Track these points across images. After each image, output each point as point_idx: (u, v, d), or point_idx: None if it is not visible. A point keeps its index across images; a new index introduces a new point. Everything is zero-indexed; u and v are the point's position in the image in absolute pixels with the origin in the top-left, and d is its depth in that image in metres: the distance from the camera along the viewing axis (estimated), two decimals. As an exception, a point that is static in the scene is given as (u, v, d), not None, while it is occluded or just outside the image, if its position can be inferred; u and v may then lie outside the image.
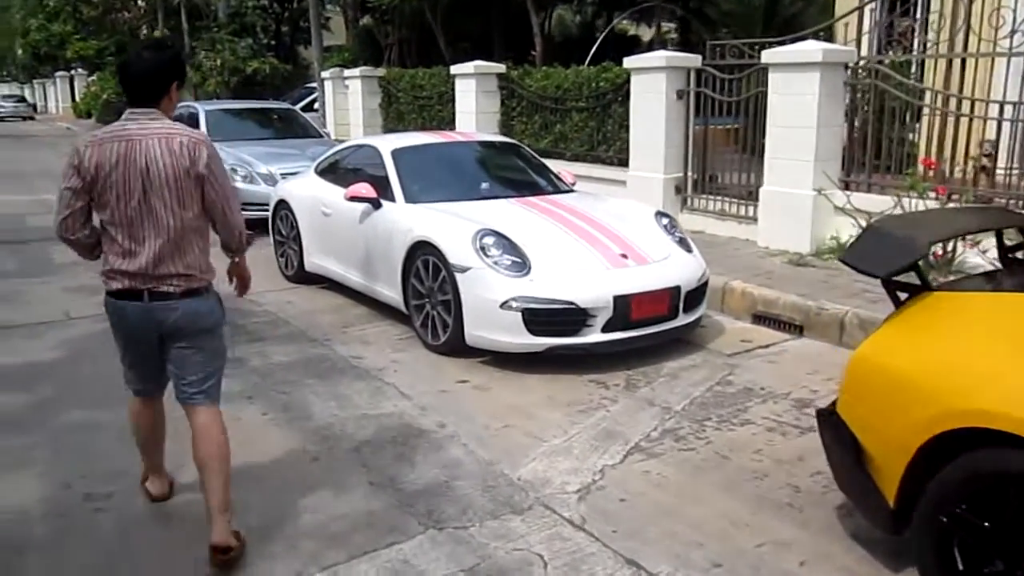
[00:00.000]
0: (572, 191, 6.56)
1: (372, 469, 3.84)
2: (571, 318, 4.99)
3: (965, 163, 7.16)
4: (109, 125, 3.09)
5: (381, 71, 14.78)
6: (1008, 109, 6.66)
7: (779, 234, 7.78)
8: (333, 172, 7.08)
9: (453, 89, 12.57)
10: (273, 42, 27.80)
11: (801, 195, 7.55)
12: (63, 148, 17.38)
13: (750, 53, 8.58)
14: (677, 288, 5.31)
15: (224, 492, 3.09)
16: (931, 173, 7.04)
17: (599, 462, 3.93)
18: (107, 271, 3.09)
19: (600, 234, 5.52)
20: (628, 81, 9.58)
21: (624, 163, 9.85)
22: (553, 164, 7.63)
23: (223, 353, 3.33)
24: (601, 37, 13.38)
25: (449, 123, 12.88)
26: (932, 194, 6.53)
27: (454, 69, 12.08)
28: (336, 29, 26.43)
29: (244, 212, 8.47)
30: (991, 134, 7.04)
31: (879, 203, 7.20)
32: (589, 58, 12.48)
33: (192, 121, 10.85)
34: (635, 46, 20.97)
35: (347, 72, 15.07)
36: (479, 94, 11.70)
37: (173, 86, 3.07)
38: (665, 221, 5.98)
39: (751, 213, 8.34)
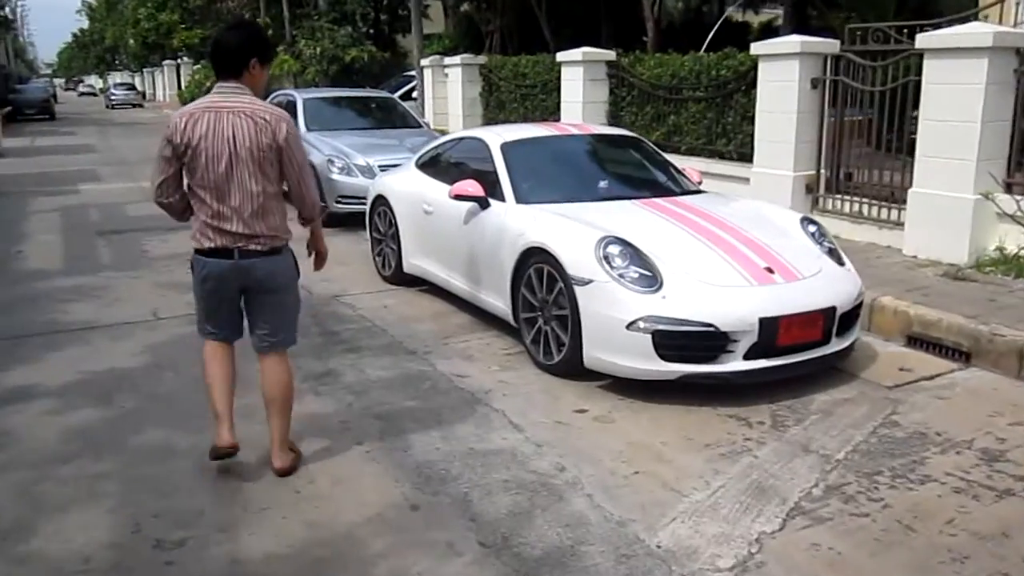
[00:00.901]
0: (701, 191, 5.84)
1: (482, 525, 3.26)
2: (709, 343, 4.30)
3: None
4: (200, 98, 3.36)
5: (482, 59, 14.24)
6: None
7: (931, 242, 6.86)
8: (436, 166, 6.54)
9: (558, 77, 11.92)
10: (371, 31, 27.58)
11: (960, 199, 6.62)
12: (165, 136, 17.39)
13: (896, 38, 7.64)
14: (832, 309, 4.55)
15: (284, 427, 3.62)
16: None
17: (754, 527, 3.25)
18: (198, 230, 3.38)
19: (740, 243, 4.80)
20: (753, 69, 8.75)
21: (745, 158, 9.03)
22: (668, 159, 6.90)
23: (297, 306, 3.67)
24: (719, 23, 12.47)
25: (553, 113, 12.24)
26: None
27: (560, 56, 11.42)
28: (435, 17, 26.07)
29: (340, 205, 8.08)
30: None
31: (1057, 210, 6.26)
32: (705, 45, 11.63)
33: (290, 109, 10.54)
34: (745, 34, 19.81)
35: (447, 60, 14.59)
36: (586, 82, 11.01)
37: (253, 61, 3.33)
38: (813, 229, 5.22)
39: (894, 217, 7.44)
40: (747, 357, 4.35)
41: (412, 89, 17.89)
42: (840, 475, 3.68)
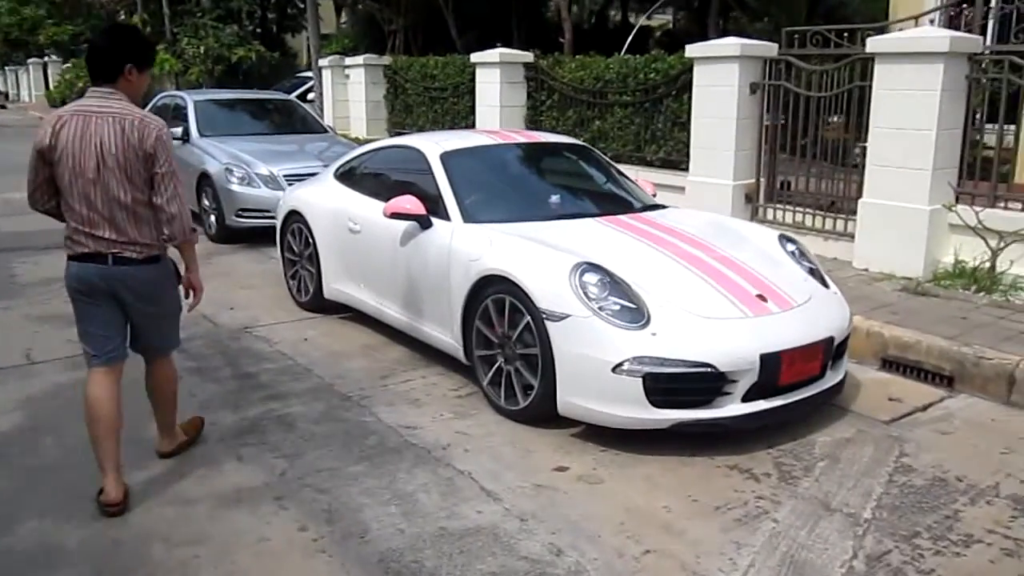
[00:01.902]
0: (661, 206, 5.30)
1: (479, 642, 2.57)
2: (707, 385, 3.74)
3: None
4: (72, 102, 3.29)
5: (387, 59, 13.43)
6: None
7: (883, 255, 6.56)
8: (360, 179, 5.77)
9: (471, 80, 11.28)
10: (259, 29, 26.26)
11: (915, 209, 6.34)
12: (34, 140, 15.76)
13: (837, 42, 7.36)
14: (830, 340, 4.08)
15: (172, 415, 3.72)
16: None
17: (805, 622, 2.69)
18: (70, 236, 3.26)
19: (724, 267, 4.27)
20: (685, 72, 8.35)
21: (674, 166, 8.65)
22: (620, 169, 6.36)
23: (178, 311, 3.57)
24: (636, 28, 12.07)
25: (466, 117, 11.59)
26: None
27: (474, 57, 10.77)
28: (326, 16, 24.92)
29: (241, 220, 7.18)
30: None
31: (1015, 220, 6.04)
32: (625, 48, 11.22)
33: (179, 112, 9.50)
34: (647, 38, 19.70)
35: (348, 60, 13.69)
36: (504, 85, 10.41)
37: (128, 67, 3.22)
38: (792, 248, 4.76)
39: (838, 227, 7.15)
40: (745, 399, 3.82)
41: (308, 91, 16.86)
42: (876, 540, 3.17)
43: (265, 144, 9.16)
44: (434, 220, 4.75)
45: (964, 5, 8.41)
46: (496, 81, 10.40)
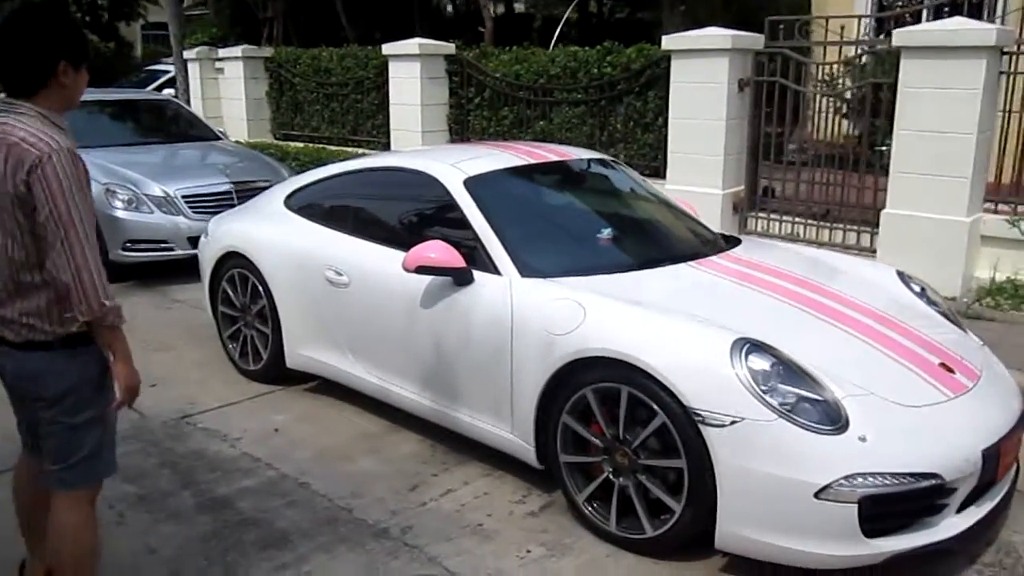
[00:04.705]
0: (735, 238, 4.27)
1: None
2: (927, 501, 2.76)
3: None
4: None
5: (268, 51, 11.71)
6: None
7: (913, 273, 5.85)
8: (333, 212, 4.41)
9: (376, 74, 9.89)
10: (87, 17, 23.28)
11: (951, 221, 5.68)
12: None
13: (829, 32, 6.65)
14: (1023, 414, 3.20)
15: None
16: None
17: None
18: None
19: (885, 328, 3.30)
20: (650, 67, 7.42)
21: (637, 172, 7.68)
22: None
23: (95, 433, 2.38)
24: (564, 17, 11.01)
25: (371, 117, 10.19)
26: None
27: (388, 48, 9.38)
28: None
29: (129, 254, 5.62)
30: None
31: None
32: (554, 41, 10.14)
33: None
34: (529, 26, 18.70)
35: (222, 52, 11.85)
36: (424, 81, 9.10)
37: (62, 65, 2.25)
38: (917, 288, 3.87)
39: (849, 240, 6.44)
40: (960, 509, 2.86)
41: (162, 87, 14.78)
42: None
43: (149, 156, 7.48)
44: (477, 274, 3.51)
45: None
46: (416, 76, 9.07)
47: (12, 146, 2.19)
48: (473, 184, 3.79)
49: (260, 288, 4.54)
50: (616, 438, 3.04)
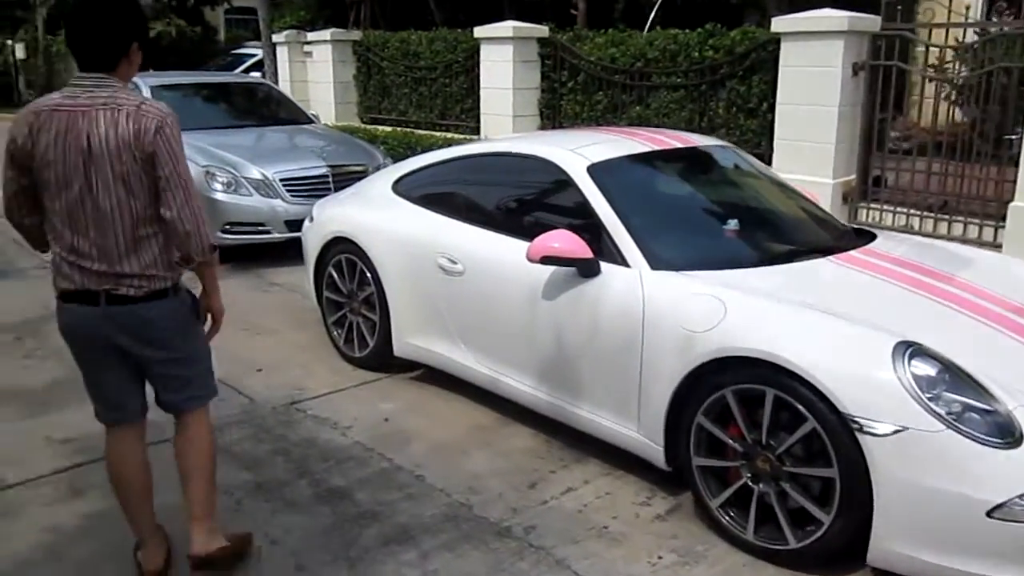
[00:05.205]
0: (870, 232, 4.03)
1: None
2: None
3: None
4: (52, 93, 2.50)
5: (356, 34, 11.73)
6: None
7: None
8: (445, 199, 4.32)
9: (466, 58, 9.79)
10: (173, 2, 23.80)
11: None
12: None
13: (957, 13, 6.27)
14: None
15: (210, 499, 2.74)
16: None
17: None
18: (55, 268, 2.55)
19: (1051, 331, 3.04)
20: (755, 50, 7.14)
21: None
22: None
23: (205, 354, 2.76)
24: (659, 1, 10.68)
25: (460, 101, 10.10)
26: None
27: (480, 31, 9.27)
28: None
29: (228, 236, 5.77)
30: None
31: None
32: (648, 24, 9.89)
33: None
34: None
35: (310, 35, 11.92)
36: (516, 64, 8.96)
37: (134, 46, 2.50)
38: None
39: (971, 234, 6.09)
40: None
41: (248, 70, 15.00)
42: None
43: (245, 139, 7.53)
44: (604, 266, 3.37)
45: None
46: (508, 59, 8.94)
47: (132, 111, 2.40)
48: (597, 171, 3.64)
49: (368, 275, 4.48)
50: (758, 443, 2.88)
